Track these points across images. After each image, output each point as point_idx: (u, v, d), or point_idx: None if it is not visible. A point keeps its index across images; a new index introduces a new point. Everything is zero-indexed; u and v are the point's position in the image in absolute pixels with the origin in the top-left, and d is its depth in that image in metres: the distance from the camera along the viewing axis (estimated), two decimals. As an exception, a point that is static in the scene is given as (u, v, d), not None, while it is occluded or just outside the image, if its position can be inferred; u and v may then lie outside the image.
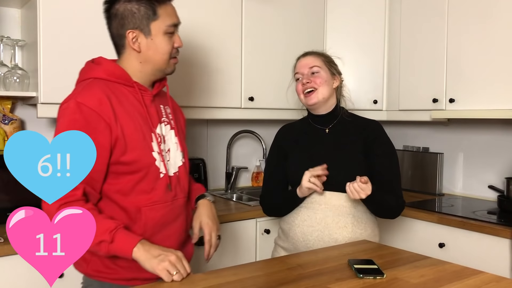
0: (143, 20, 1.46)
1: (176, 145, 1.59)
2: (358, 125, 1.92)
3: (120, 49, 1.53)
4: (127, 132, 1.43)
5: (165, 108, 1.61)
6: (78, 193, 1.36)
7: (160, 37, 1.48)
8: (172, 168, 1.55)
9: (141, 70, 1.52)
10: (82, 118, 1.37)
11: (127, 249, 1.33)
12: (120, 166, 1.44)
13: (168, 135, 1.57)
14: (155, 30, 1.47)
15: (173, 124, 1.61)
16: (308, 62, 1.90)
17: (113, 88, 1.46)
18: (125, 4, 1.46)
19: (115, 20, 1.49)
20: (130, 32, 1.47)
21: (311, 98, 1.88)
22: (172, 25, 1.51)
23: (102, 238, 1.32)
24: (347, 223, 1.82)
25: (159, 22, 1.47)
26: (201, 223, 1.61)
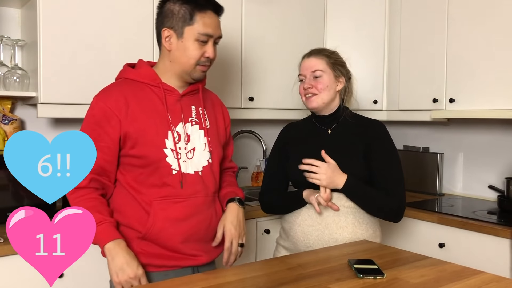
0: (179, 22, 1.54)
1: (204, 145, 1.64)
2: (360, 126, 1.91)
3: (159, 46, 1.63)
4: (139, 128, 1.53)
5: (198, 108, 1.66)
6: (86, 180, 1.48)
7: (190, 42, 1.54)
8: (194, 167, 1.60)
9: (170, 69, 1.60)
10: (97, 113, 1.54)
11: (102, 241, 1.45)
12: (131, 158, 1.55)
13: (195, 135, 1.62)
14: (187, 34, 1.54)
15: (205, 124, 1.65)
16: (311, 65, 1.88)
17: (138, 88, 1.58)
18: (170, 4, 1.56)
19: (159, 17, 1.60)
20: (166, 30, 1.56)
21: (311, 102, 1.88)
22: (205, 34, 1.55)
23: None
24: (348, 224, 1.82)
25: (192, 28, 1.54)
26: (224, 228, 1.63)
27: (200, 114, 1.66)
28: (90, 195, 1.52)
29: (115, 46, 2.23)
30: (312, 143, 1.92)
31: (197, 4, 1.54)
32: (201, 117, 1.66)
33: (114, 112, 1.52)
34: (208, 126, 1.66)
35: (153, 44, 2.32)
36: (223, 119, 1.78)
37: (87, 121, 1.56)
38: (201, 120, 1.65)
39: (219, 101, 1.82)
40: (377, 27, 3.00)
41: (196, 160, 1.61)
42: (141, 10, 2.29)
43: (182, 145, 1.58)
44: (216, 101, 1.79)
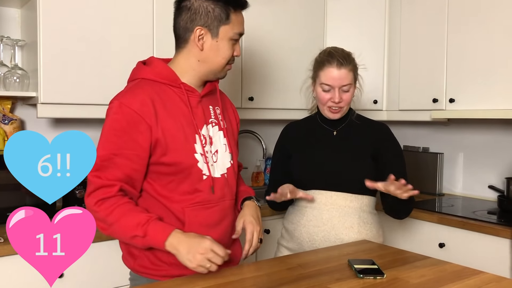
0: (214, 21, 1.47)
1: (225, 146, 1.58)
2: (366, 128, 1.91)
3: (182, 43, 1.52)
4: (168, 134, 1.44)
5: (215, 108, 1.60)
6: (114, 190, 1.39)
7: (225, 42, 1.49)
8: (220, 170, 1.55)
9: (195, 68, 1.52)
10: (123, 119, 1.41)
11: (159, 243, 1.35)
12: (161, 166, 1.46)
13: (216, 136, 1.56)
14: (223, 34, 1.48)
15: (222, 125, 1.60)
16: (342, 77, 1.79)
17: (159, 89, 1.48)
18: (201, 1, 1.47)
19: (186, 13, 1.48)
20: (199, 28, 1.47)
21: (335, 115, 1.85)
22: (239, 33, 1.52)
23: (135, 233, 1.34)
24: (353, 224, 1.82)
25: (228, 27, 1.49)
26: (245, 221, 1.58)
27: (217, 114, 1.60)
28: (121, 201, 1.40)
29: (115, 46, 2.23)
30: (318, 144, 1.90)
31: (232, 2, 1.49)
32: (218, 118, 1.60)
33: (142, 117, 1.41)
34: (225, 126, 1.61)
35: (153, 44, 2.32)
36: (234, 117, 1.73)
37: (111, 127, 1.42)
38: (219, 120, 1.60)
39: (227, 98, 1.76)
40: (377, 27, 3.00)
41: (221, 162, 1.56)
42: (142, 10, 2.29)
43: (208, 149, 1.52)
44: (226, 98, 1.73)
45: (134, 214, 1.37)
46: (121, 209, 1.37)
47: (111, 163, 1.39)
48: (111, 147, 1.40)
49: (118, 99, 1.44)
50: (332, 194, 1.82)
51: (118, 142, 1.39)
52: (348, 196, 1.82)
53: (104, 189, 1.38)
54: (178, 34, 1.52)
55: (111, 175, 1.39)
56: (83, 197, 2.15)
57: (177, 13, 1.51)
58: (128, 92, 1.46)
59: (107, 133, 1.42)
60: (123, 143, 1.40)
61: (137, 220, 1.35)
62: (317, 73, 1.85)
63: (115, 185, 1.39)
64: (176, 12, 1.52)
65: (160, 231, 1.35)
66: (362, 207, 1.84)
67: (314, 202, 1.84)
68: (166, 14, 2.36)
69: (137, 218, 1.36)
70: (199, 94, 1.54)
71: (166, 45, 2.35)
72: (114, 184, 1.39)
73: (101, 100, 2.21)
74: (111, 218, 1.36)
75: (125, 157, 1.40)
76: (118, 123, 1.41)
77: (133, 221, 1.35)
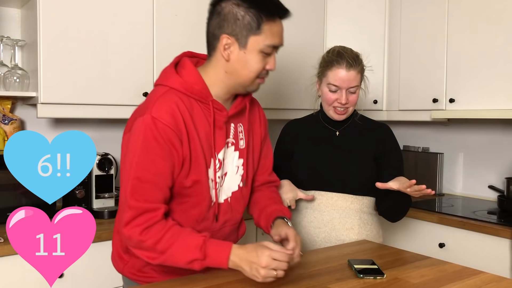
0: (243, 30, 1.31)
1: (237, 168, 1.45)
2: (368, 129, 1.90)
3: (211, 50, 1.38)
4: (194, 155, 1.33)
5: (237, 126, 1.46)
6: (159, 214, 1.27)
7: (254, 54, 1.33)
8: (224, 194, 1.44)
9: (223, 80, 1.37)
10: (158, 135, 1.26)
11: (222, 263, 1.25)
12: (180, 187, 1.35)
13: (229, 158, 1.43)
14: (252, 45, 1.32)
15: (243, 144, 1.46)
16: (350, 79, 1.76)
17: (188, 103, 1.33)
18: (232, 6, 1.31)
19: (216, 18, 1.34)
20: (226, 37, 1.32)
21: (341, 116, 1.84)
22: (272, 46, 1.35)
23: (194, 256, 1.24)
24: (354, 225, 1.82)
25: (258, 38, 1.32)
26: (289, 233, 1.39)
27: (238, 132, 1.45)
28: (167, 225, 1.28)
29: (115, 46, 2.23)
30: (320, 144, 1.89)
31: (266, 10, 1.32)
32: (238, 136, 1.45)
33: (176, 133, 1.28)
34: (243, 146, 1.46)
35: (153, 44, 2.32)
36: (260, 126, 1.56)
37: (145, 145, 1.26)
38: (238, 139, 1.45)
39: (257, 106, 1.58)
40: (377, 27, 3.00)
41: (226, 186, 1.44)
42: (142, 10, 2.29)
43: (219, 173, 1.40)
44: (255, 109, 1.56)
45: (187, 237, 1.26)
46: (171, 234, 1.25)
47: (151, 184, 1.26)
48: (148, 167, 1.26)
49: (149, 113, 1.27)
50: (333, 195, 1.82)
51: (156, 160, 1.26)
52: (349, 197, 1.82)
53: (149, 214, 1.25)
54: (208, 40, 1.38)
55: (152, 197, 1.26)
56: (83, 197, 2.18)
57: (209, 17, 1.37)
58: (157, 105, 1.30)
59: (141, 151, 1.26)
60: (161, 161, 1.27)
61: (194, 243, 1.24)
62: (325, 72, 1.80)
63: (159, 209, 1.27)
64: (208, 16, 1.37)
65: (220, 250, 1.25)
66: (363, 208, 1.84)
67: (314, 202, 1.84)
68: (166, 14, 2.36)
69: (192, 241, 1.25)
70: (227, 114, 1.39)
71: (166, 45, 2.36)
72: (159, 208, 1.27)
73: (101, 100, 2.22)
74: (161, 246, 1.24)
75: (163, 177, 1.28)
76: (153, 140, 1.26)
77: (189, 244, 1.24)
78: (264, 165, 1.60)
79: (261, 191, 1.60)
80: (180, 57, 1.43)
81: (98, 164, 2.25)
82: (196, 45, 2.47)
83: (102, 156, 2.27)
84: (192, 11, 2.42)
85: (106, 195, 2.28)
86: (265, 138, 1.59)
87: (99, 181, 2.27)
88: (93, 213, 2.14)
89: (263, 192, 1.60)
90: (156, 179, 1.26)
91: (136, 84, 2.29)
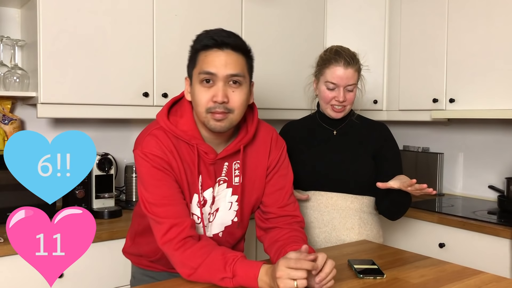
0: (189, 67, 1.38)
1: (230, 204, 1.45)
2: (366, 128, 1.90)
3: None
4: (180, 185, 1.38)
5: (232, 164, 1.43)
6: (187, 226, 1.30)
7: (197, 86, 1.33)
8: (216, 229, 1.46)
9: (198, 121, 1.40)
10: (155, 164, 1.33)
11: (251, 282, 1.22)
12: None
13: (221, 194, 1.44)
14: (194, 78, 1.35)
15: (238, 180, 1.44)
16: (348, 77, 1.77)
17: (176, 141, 1.37)
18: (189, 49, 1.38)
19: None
20: (186, 79, 1.40)
21: (339, 114, 1.84)
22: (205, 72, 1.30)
23: (223, 274, 1.22)
24: (354, 225, 1.82)
25: (196, 70, 1.34)
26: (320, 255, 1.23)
27: (232, 170, 1.44)
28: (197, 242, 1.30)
29: (115, 46, 2.23)
30: (318, 144, 1.89)
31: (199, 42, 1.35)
32: (232, 173, 1.44)
33: (166, 162, 1.34)
34: (237, 183, 1.44)
35: (153, 44, 2.32)
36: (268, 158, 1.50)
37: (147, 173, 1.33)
38: (232, 176, 1.44)
39: (268, 135, 1.51)
40: (377, 27, 3.00)
41: (219, 221, 1.45)
42: (142, 10, 2.29)
43: (207, 210, 1.42)
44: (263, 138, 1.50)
45: (217, 254, 1.26)
46: (203, 251, 1.26)
47: (167, 206, 1.31)
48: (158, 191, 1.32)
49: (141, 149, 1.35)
50: (332, 195, 1.82)
51: (163, 184, 1.32)
52: (349, 197, 1.82)
53: (177, 228, 1.28)
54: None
55: (174, 214, 1.31)
56: (83, 197, 2.18)
57: None
58: (146, 141, 1.35)
59: (146, 180, 1.33)
60: (166, 184, 1.33)
61: (224, 261, 1.24)
62: (323, 70, 1.82)
63: (185, 221, 1.30)
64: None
65: (249, 269, 1.22)
66: (363, 207, 1.84)
67: (314, 203, 1.84)
68: (166, 15, 2.36)
69: (222, 258, 1.24)
70: (214, 157, 1.39)
71: (166, 45, 2.36)
72: (184, 221, 1.30)
73: (101, 100, 2.22)
74: (194, 262, 1.25)
75: (175, 196, 1.33)
76: (153, 168, 1.33)
77: (219, 262, 1.24)
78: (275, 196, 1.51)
79: (281, 228, 1.48)
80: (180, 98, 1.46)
81: (98, 164, 2.25)
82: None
83: (102, 156, 2.27)
84: (192, 11, 2.42)
85: (106, 195, 2.28)
86: (274, 169, 1.51)
87: (99, 181, 2.27)
88: (93, 213, 2.14)
89: (283, 231, 1.47)
90: (170, 200, 1.32)
91: (136, 84, 2.29)
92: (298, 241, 1.40)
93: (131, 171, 2.51)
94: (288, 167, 1.55)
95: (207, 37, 1.33)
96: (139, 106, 2.30)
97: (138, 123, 2.70)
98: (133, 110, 2.29)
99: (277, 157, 1.51)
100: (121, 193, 2.60)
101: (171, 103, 1.43)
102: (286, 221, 1.49)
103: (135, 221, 1.59)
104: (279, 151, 1.52)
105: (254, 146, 1.48)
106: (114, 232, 2.00)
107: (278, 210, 1.50)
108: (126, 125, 2.68)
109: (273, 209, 1.50)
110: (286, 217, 1.49)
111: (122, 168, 2.63)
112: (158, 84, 2.34)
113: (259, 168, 1.48)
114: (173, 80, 2.37)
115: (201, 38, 1.35)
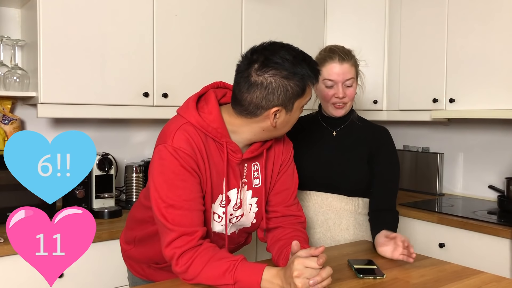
0: (292, 98, 1.33)
1: (250, 207, 1.46)
2: (366, 131, 1.88)
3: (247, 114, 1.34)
4: (204, 185, 1.35)
5: (251, 166, 1.44)
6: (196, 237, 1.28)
7: (297, 112, 1.38)
8: (234, 228, 1.47)
9: (256, 134, 1.38)
10: (184, 163, 1.29)
11: (254, 285, 1.22)
12: None
13: (245, 197, 1.44)
14: (296, 106, 1.35)
15: (256, 183, 1.45)
16: (345, 72, 1.76)
17: (204, 139, 1.34)
18: (281, 80, 1.31)
19: (261, 90, 1.31)
20: (275, 108, 1.32)
21: (340, 111, 1.82)
22: (309, 98, 1.40)
23: (224, 281, 1.23)
24: (349, 226, 1.81)
25: (302, 100, 1.35)
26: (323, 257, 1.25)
27: (251, 171, 1.44)
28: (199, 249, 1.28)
29: (115, 46, 2.23)
30: (316, 144, 1.89)
31: (308, 77, 1.35)
32: (251, 175, 1.44)
33: (195, 161, 1.31)
34: (259, 185, 1.45)
35: (153, 44, 2.33)
36: (280, 158, 1.51)
37: (173, 171, 1.28)
38: (251, 178, 1.44)
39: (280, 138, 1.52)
40: (377, 27, 3.00)
41: (240, 223, 1.46)
42: (142, 10, 2.29)
43: (230, 210, 1.41)
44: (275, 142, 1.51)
45: (216, 262, 1.25)
46: (202, 259, 1.25)
47: (185, 210, 1.28)
48: (179, 193, 1.28)
49: (171, 143, 1.30)
50: (328, 196, 1.82)
51: (186, 187, 1.29)
52: (344, 198, 1.82)
53: (187, 237, 1.26)
54: (244, 106, 1.32)
55: (188, 222, 1.28)
56: (83, 197, 2.18)
57: (245, 85, 1.31)
58: (176, 136, 1.31)
59: (170, 179, 1.29)
60: (190, 187, 1.30)
61: (223, 268, 1.23)
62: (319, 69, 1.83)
63: (196, 232, 1.28)
64: (243, 83, 1.31)
65: (250, 274, 1.23)
66: (357, 209, 1.83)
67: (309, 203, 1.84)
68: (166, 15, 2.36)
69: (222, 266, 1.24)
70: (241, 156, 1.38)
71: (166, 45, 2.36)
72: (196, 231, 1.28)
73: (101, 100, 2.22)
74: (193, 271, 1.25)
75: (195, 201, 1.30)
76: (180, 167, 1.29)
77: (219, 269, 1.23)
78: (283, 195, 1.52)
79: (284, 228, 1.50)
80: (207, 88, 1.43)
81: (98, 164, 2.25)
82: (196, 45, 2.48)
83: (102, 156, 2.27)
84: (192, 11, 2.42)
85: (106, 195, 2.28)
86: (283, 168, 1.52)
87: (99, 181, 2.27)
88: (93, 213, 2.14)
89: (286, 230, 1.49)
90: (188, 205, 1.28)
91: (136, 84, 2.29)
92: (300, 241, 1.39)
93: (131, 171, 2.51)
94: (294, 167, 1.56)
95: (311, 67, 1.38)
96: (139, 106, 2.30)
97: (138, 123, 2.70)
98: (133, 110, 2.29)
99: (287, 157, 1.53)
100: (121, 193, 2.59)
101: (196, 98, 1.40)
102: (290, 221, 1.50)
103: (135, 226, 1.53)
104: (289, 151, 1.54)
105: (271, 148, 1.49)
106: (114, 232, 2.00)
107: (284, 209, 1.51)
108: (126, 125, 2.68)
109: (279, 208, 1.51)
110: (290, 217, 1.51)
111: (122, 168, 2.63)
112: (158, 84, 2.34)
113: (274, 169, 1.50)
114: (173, 80, 2.37)
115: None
